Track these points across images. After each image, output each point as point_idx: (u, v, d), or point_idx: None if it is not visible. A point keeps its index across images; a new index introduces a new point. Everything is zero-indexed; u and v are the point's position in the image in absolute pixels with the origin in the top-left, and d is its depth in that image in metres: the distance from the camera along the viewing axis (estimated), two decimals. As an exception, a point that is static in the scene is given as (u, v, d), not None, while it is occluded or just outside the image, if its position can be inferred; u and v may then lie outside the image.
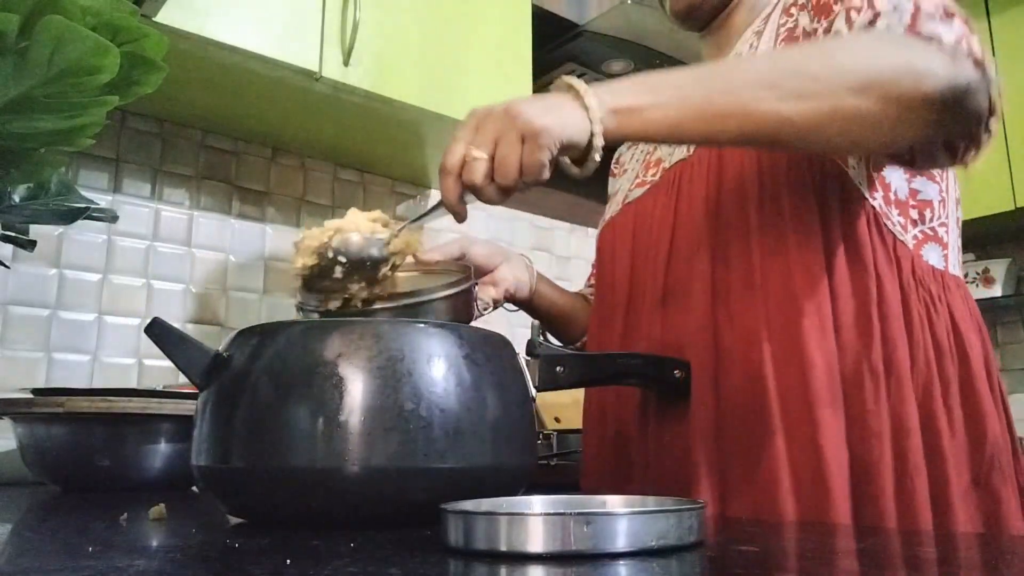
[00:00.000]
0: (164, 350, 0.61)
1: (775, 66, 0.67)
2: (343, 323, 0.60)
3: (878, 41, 0.67)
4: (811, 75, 0.63)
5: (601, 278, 0.97)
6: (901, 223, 0.78)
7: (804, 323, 0.73)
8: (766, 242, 0.76)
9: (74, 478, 0.99)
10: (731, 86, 0.64)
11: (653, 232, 0.87)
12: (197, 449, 0.60)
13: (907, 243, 0.78)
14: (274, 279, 1.59)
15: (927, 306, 0.76)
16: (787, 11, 0.83)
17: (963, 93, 0.65)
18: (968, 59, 0.66)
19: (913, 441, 0.71)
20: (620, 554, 0.41)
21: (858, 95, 0.63)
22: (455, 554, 0.43)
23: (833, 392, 0.72)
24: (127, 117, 1.46)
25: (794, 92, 0.63)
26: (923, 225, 0.79)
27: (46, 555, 0.46)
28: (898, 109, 0.64)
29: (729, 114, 0.63)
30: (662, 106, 0.63)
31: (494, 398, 0.60)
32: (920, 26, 0.67)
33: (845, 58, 0.65)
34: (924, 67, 0.64)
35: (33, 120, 0.61)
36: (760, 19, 0.88)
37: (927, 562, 0.46)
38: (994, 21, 2.23)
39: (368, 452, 0.54)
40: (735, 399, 0.75)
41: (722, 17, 0.93)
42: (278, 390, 0.56)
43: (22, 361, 1.30)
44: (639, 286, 0.88)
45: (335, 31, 1.31)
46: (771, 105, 0.63)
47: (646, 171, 0.94)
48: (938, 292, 0.78)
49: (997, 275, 2.29)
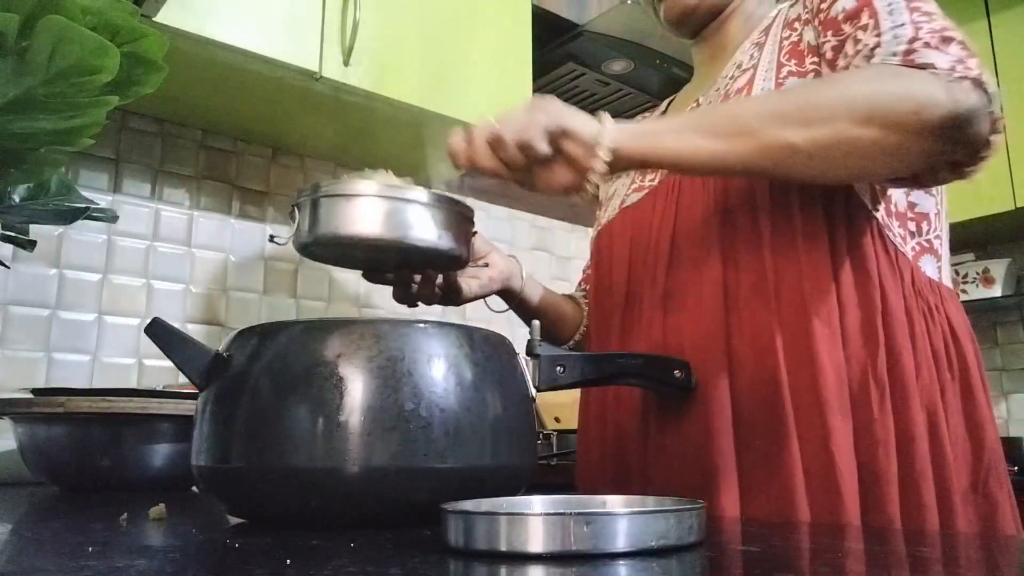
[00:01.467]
0: (164, 350, 0.61)
1: (781, 98, 0.71)
2: (343, 323, 0.60)
3: (878, 73, 0.69)
4: (815, 105, 0.67)
5: (598, 282, 0.97)
6: (901, 235, 0.79)
7: (816, 331, 0.74)
8: (778, 249, 0.77)
9: (74, 478, 0.99)
10: (739, 114, 0.69)
11: (652, 236, 0.87)
12: (197, 449, 0.60)
13: (907, 254, 0.79)
14: (274, 279, 1.59)
15: (925, 316, 0.77)
16: (790, 25, 0.83)
17: (964, 120, 0.66)
18: (965, 82, 0.66)
19: (919, 449, 0.72)
20: (620, 554, 0.41)
21: (862, 125, 0.65)
22: (455, 554, 0.43)
23: (842, 400, 0.72)
24: (127, 117, 1.46)
25: (800, 120, 0.66)
26: (920, 237, 0.81)
27: (46, 555, 0.46)
28: (901, 138, 0.66)
29: (736, 138, 0.67)
30: (674, 131, 0.69)
31: (494, 398, 0.60)
32: (914, 55, 0.68)
33: (848, 90, 0.67)
34: (925, 96, 0.65)
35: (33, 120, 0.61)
36: (759, 31, 0.88)
37: (929, 561, 0.46)
38: (994, 21, 2.23)
39: (368, 452, 0.54)
40: (750, 403, 0.75)
41: (715, 25, 0.93)
42: (278, 390, 0.56)
43: (22, 361, 1.30)
44: (636, 289, 0.88)
45: (335, 31, 1.31)
46: (776, 131, 0.66)
47: (643, 176, 0.93)
48: (935, 302, 0.79)
49: (997, 275, 2.29)
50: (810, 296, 0.75)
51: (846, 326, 0.74)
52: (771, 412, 0.74)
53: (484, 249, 0.99)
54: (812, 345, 0.73)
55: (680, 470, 0.78)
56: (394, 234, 0.73)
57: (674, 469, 0.79)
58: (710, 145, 0.68)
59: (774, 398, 0.74)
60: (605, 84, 1.85)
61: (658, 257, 0.85)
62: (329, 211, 0.74)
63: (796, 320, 0.75)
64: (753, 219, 0.78)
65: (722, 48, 0.93)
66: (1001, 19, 2.22)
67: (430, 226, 0.75)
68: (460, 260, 0.80)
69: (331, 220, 0.74)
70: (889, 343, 0.74)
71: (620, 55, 1.74)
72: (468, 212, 0.79)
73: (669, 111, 1.01)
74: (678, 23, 0.94)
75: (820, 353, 0.73)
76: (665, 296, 0.83)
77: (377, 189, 0.74)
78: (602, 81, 1.83)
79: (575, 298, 1.12)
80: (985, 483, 0.75)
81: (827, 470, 0.70)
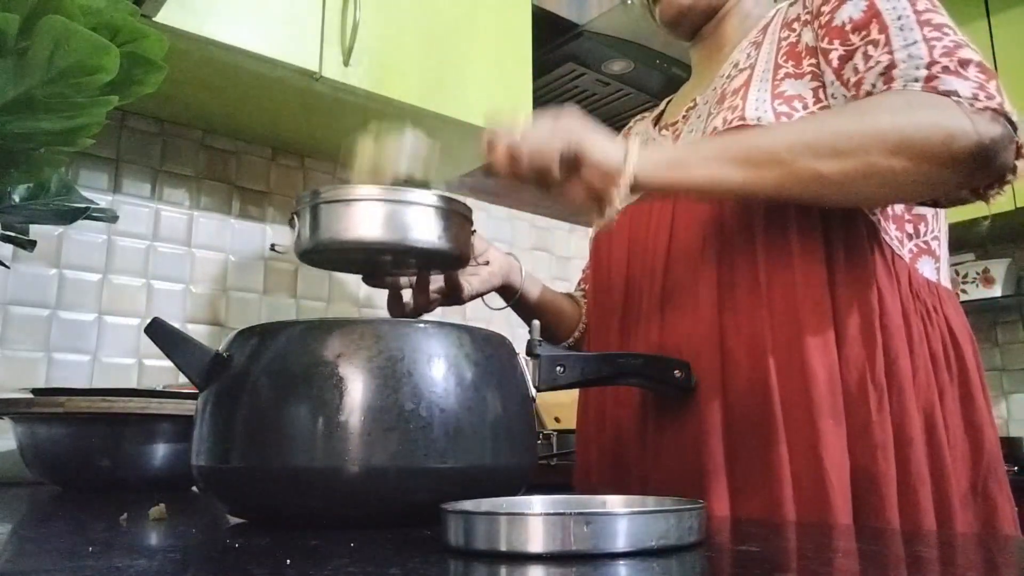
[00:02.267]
0: (164, 350, 0.61)
1: (811, 127, 0.70)
2: (343, 323, 0.60)
3: (906, 102, 0.69)
4: (846, 135, 0.67)
5: (597, 281, 0.96)
6: (898, 237, 0.79)
7: (807, 337, 0.73)
8: (771, 251, 0.77)
9: (74, 478, 0.99)
10: (770, 145, 0.69)
11: (650, 236, 0.87)
12: (197, 449, 0.60)
13: (904, 257, 0.79)
14: (274, 279, 1.59)
15: (923, 318, 0.77)
16: (788, 25, 0.83)
17: (992, 151, 0.66)
18: (987, 112, 0.66)
19: (916, 452, 0.72)
20: (620, 554, 0.41)
21: (892, 156, 0.66)
22: (455, 554, 0.43)
23: (835, 403, 0.72)
24: (127, 117, 1.46)
25: (830, 151, 0.66)
26: (917, 239, 0.81)
27: (46, 555, 0.46)
28: (930, 168, 0.66)
29: (768, 168, 0.67)
30: (705, 159, 0.69)
31: (494, 398, 0.60)
32: (936, 82, 0.68)
33: (878, 120, 0.67)
34: (955, 127, 0.65)
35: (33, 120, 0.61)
36: (757, 30, 0.87)
37: (927, 561, 0.46)
38: (994, 21, 2.23)
39: (368, 452, 0.54)
40: (742, 406, 0.75)
41: (712, 24, 0.93)
42: (278, 390, 0.56)
43: (22, 361, 1.30)
44: (635, 289, 0.88)
45: (335, 31, 1.31)
46: (808, 162, 0.67)
47: None
48: (934, 304, 0.79)
49: (997, 275, 2.29)
50: (803, 300, 0.75)
51: (843, 329, 0.74)
52: (761, 415, 0.73)
53: (482, 247, 0.99)
54: (803, 349, 0.73)
55: (675, 471, 0.78)
56: (394, 236, 0.74)
57: (670, 470, 0.79)
58: (739, 175, 0.68)
59: (764, 401, 0.74)
60: (605, 84, 1.85)
61: (656, 257, 0.85)
62: (328, 217, 0.75)
63: (787, 325, 0.75)
64: (748, 221, 0.78)
65: (719, 48, 0.93)
66: (1001, 19, 2.22)
67: (430, 227, 0.75)
68: (461, 259, 0.80)
69: (331, 225, 0.74)
70: (886, 346, 0.74)
71: (620, 55, 1.74)
72: (467, 211, 0.79)
73: (667, 111, 1.00)
74: (674, 23, 0.94)
75: (811, 357, 0.73)
76: (663, 296, 0.83)
77: (375, 192, 0.75)
78: (602, 81, 1.83)
79: (574, 296, 1.12)
80: (984, 485, 0.75)
81: (816, 474, 0.70)
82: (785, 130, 0.72)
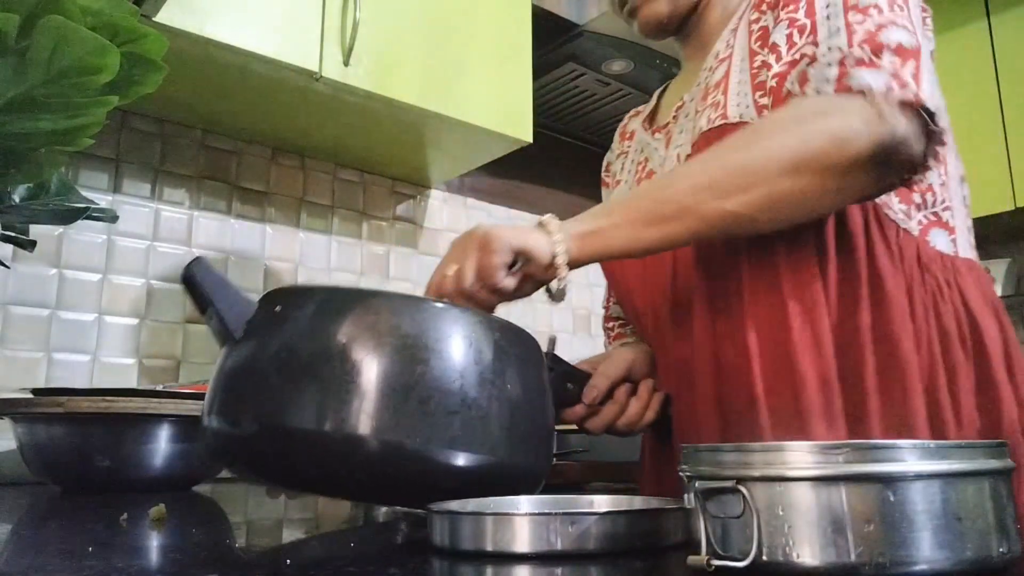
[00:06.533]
0: (198, 293, 0.58)
1: (710, 166, 0.69)
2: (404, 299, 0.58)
3: (798, 114, 0.69)
4: (742, 168, 0.67)
5: (625, 308, 0.95)
6: (904, 209, 0.77)
7: (794, 336, 0.72)
8: (754, 252, 0.76)
9: (74, 478, 0.99)
10: (674, 195, 0.69)
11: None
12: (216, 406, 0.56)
13: (912, 230, 0.76)
14: (274, 279, 1.59)
15: (934, 294, 0.75)
16: (758, 7, 0.82)
17: (892, 148, 0.66)
18: (897, 106, 0.65)
19: (919, 436, 0.70)
20: (605, 554, 0.41)
21: (791, 176, 0.66)
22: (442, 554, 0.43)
23: (829, 403, 0.71)
24: (127, 117, 1.46)
25: (732, 187, 0.67)
26: (926, 210, 0.78)
27: (46, 555, 0.46)
28: (832, 178, 0.66)
29: (678, 220, 0.68)
30: (618, 225, 0.69)
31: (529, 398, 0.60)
32: (848, 79, 0.67)
33: (770, 144, 0.67)
34: (849, 132, 0.65)
35: (33, 120, 0.61)
36: (736, 16, 0.86)
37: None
38: (994, 21, 2.23)
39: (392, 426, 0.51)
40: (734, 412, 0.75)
41: (695, 20, 0.92)
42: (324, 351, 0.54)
43: (22, 361, 1.30)
44: (655, 309, 0.87)
45: (335, 31, 1.31)
46: (715, 204, 0.67)
47: (639, 184, 0.93)
48: (946, 278, 0.76)
49: (997, 275, 2.29)
50: (788, 297, 0.73)
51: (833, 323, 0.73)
52: (750, 422, 0.73)
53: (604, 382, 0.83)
54: (792, 352, 0.72)
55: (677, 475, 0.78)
56: None
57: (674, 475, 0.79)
58: (653, 233, 0.68)
59: (751, 408, 0.73)
60: (605, 84, 1.85)
61: (663, 272, 0.84)
62: None
63: (773, 326, 0.74)
64: None
65: (704, 42, 0.91)
66: (1001, 19, 2.22)
67: None
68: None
69: None
70: (886, 331, 0.72)
71: (620, 55, 1.74)
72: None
73: (660, 111, 0.99)
74: (655, 34, 0.92)
75: (800, 359, 0.71)
76: (673, 311, 0.83)
77: None
78: (602, 81, 1.83)
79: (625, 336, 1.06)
80: None
81: None
82: (687, 172, 0.71)
